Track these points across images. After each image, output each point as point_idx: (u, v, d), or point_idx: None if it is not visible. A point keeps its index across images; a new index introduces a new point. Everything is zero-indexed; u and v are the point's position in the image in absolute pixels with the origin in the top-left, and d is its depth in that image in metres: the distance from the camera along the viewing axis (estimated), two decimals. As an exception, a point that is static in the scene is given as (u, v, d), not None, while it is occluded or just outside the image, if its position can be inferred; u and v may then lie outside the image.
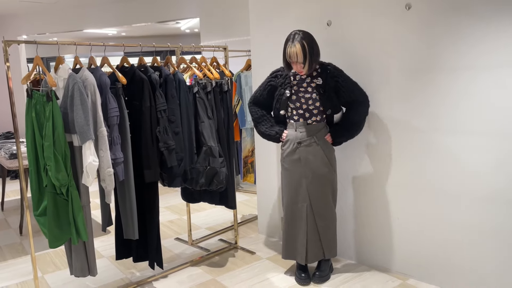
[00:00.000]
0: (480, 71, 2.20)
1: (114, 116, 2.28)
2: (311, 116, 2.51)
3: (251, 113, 2.74)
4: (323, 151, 2.52)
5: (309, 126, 2.51)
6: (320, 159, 2.51)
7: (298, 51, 2.38)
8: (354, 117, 2.54)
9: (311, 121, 2.52)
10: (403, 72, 2.49)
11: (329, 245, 2.60)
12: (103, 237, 3.54)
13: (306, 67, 2.42)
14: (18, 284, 2.80)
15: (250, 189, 4.79)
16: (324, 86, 2.48)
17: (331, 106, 2.50)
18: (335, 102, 2.51)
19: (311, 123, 2.52)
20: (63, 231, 2.22)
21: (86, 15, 5.92)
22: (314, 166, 2.51)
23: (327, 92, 2.47)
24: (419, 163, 2.50)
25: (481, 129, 2.24)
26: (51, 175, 2.11)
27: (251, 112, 2.74)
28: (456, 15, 2.24)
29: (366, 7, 2.60)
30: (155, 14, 5.45)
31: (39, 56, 2.23)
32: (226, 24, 4.88)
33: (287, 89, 2.55)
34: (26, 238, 3.63)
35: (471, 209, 2.32)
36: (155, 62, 2.65)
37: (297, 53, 2.38)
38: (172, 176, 2.54)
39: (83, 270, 2.34)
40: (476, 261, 2.34)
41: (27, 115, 2.22)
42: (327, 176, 2.54)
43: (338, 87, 2.48)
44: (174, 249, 3.27)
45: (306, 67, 2.42)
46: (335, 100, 2.51)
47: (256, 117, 2.72)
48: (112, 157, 2.26)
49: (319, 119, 2.52)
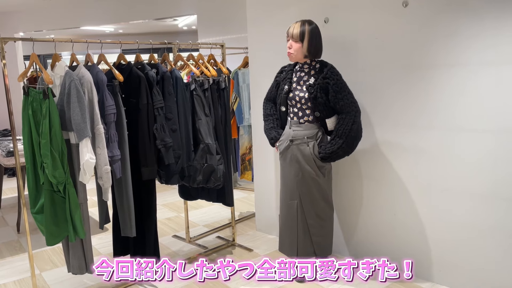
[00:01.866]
0: (477, 68, 2.21)
1: (111, 114, 2.28)
2: (304, 115, 2.50)
3: (263, 109, 2.79)
4: (313, 154, 2.48)
5: (301, 125, 2.51)
6: (308, 161, 2.48)
7: (297, 26, 2.41)
8: (339, 128, 2.39)
9: (303, 121, 2.50)
10: (400, 69, 2.49)
11: (321, 243, 2.60)
12: (100, 234, 3.55)
13: (297, 48, 2.41)
14: (16, 281, 2.80)
15: (247, 187, 4.80)
16: (313, 85, 2.43)
17: (318, 108, 2.43)
18: (323, 104, 2.41)
19: (303, 122, 2.50)
20: (60, 228, 2.22)
21: (83, 12, 5.90)
22: (303, 166, 2.49)
23: (315, 92, 2.41)
24: (417, 160, 2.50)
25: (479, 126, 2.24)
26: (48, 172, 2.11)
27: (263, 108, 2.79)
28: (453, 12, 2.25)
29: (363, 4, 2.60)
30: (153, 11, 5.44)
31: (35, 54, 2.22)
32: (223, 21, 4.87)
33: (286, 84, 2.55)
34: (23, 235, 3.62)
35: (470, 206, 2.33)
36: (152, 59, 2.65)
37: (295, 27, 2.41)
38: (170, 173, 2.54)
39: (81, 268, 2.34)
40: (474, 258, 2.35)
41: (24, 112, 2.22)
42: (315, 178, 2.50)
43: (327, 90, 2.40)
44: (172, 246, 3.28)
45: (297, 48, 2.42)
46: (324, 102, 2.41)
47: (263, 114, 2.77)
48: (109, 154, 2.25)
49: (311, 119, 2.49)
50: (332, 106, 2.43)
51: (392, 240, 2.68)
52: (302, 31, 2.39)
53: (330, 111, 2.45)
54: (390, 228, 2.68)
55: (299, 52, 2.43)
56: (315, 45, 2.44)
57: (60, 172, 2.11)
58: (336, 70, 2.44)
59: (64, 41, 2.34)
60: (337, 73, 2.43)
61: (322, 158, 2.45)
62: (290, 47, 2.44)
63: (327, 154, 2.43)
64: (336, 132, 2.41)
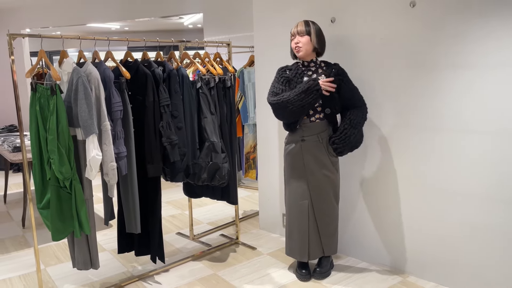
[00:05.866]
0: (484, 69, 2.20)
1: (118, 111, 2.29)
2: (315, 113, 2.51)
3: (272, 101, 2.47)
4: (327, 151, 2.52)
5: (312, 123, 2.51)
6: (323, 159, 2.51)
7: (301, 24, 2.47)
8: (353, 119, 2.46)
9: (314, 119, 2.51)
10: (407, 69, 2.49)
11: (329, 242, 2.61)
12: (105, 230, 3.56)
13: (305, 41, 2.44)
14: (21, 276, 2.82)
15: (251, 185, 4.81)
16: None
17: (330, 105, 2.47)
18: (335, 101, 2.48)
19: (314, 120, 2.52)
20: (66, 224, 2.23)
21: (89, 9, 5.92)
22: (316, 164, 2.51)
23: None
24: (422, 161, 2.50)
25: (485, 127, 2.24)
26: (55, 168, 2.12)
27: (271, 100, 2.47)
28: (461, 12, 2.24)
29: (371, 4, 2.59)
30: (159, 9, 5.45)
31: (43, 50, 2.23)
32: (229, 20, 4.88)
33: (304, 76, 2.51)
34: (28, 230, 3.65)
35: (474, 206, 2.33)
36: (158, 57, 2.66)
37: (299, 25, 2.46)
38: (175, 171, 2.55)
39: (86, 263, 2.36)
40: (478, 259, 2.34)
41: (31, 108, 2.23)
42: (329, 176, 2.54)
43: (340, 86, 2.47)
44: (176, 243, 3.29)
45: (306, 41, 2.44)
46: (335, 99, 2.47)
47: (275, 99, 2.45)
48: (116, 151, 2.26)
49: (322, 117, 2.52)
50: (344, 101, 2.50)
51: (397, 241, 2.68)
52: (308, 27, 2.46)
53: (338, 107, 2.51)
54: (395, 228, 2.68)
55: (308, 45, 2.46)
56: (322, 40, 2.50)
57: (66, 168, 2.12)
58: (343, 68, 2.53)
59: (72, 37, 2.35)
60: (345, 71, 2.53)
61: (336, 149, 2.49)
62: (298, 42, 2.46)
63: (341, 143, 2.46)
64: (350, 122, 2.47)
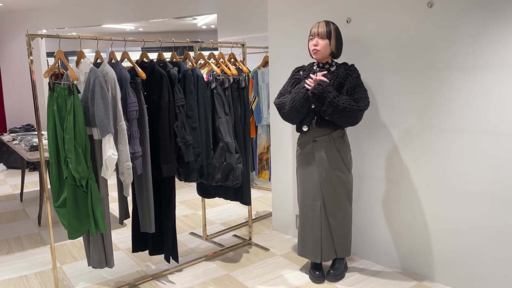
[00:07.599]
0: (506, 69, 2.16)
1: (134, 111, 2.30)
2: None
3: (276, 103, 2.60)
4: (339, 151, 2.50)
5: (322, 123, 2.49)
6: (335, 159, 2.50)
7: (323, 25, 2.44)
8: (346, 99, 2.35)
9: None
10: (424, 70, 2.46)
11: (342, 244, 2.59)
12: (120, 229, 3.60)
13: (324, 45, 2.42)
14: (37, 273, 2.86)
15: (264, 186, 4.80)
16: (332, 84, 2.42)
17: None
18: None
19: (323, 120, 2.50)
20: (82, 222, 2.25)
21: (104, 10, 5.99)
22: (328, 165, 2.49)
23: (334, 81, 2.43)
24: (440, 163, 2.46)
25: (505, 129, 2.20)
26: (72, 167, 2.15)
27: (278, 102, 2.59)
28: (480, 13, 2.20)
29: (387, 4, 2.57)
30: (173, 10, 5.48)
31: (61, 51, 2.26)
32: (243, 21, 4.88)
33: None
34: (44, 228, 3.70)
35: (492, 210, 2.29)
36: (174, 57, 2.67)
37: (320, 25, 2.44)
38: (189, 171, 2.56)
39: (101, 262, 2.38)
40: (498, 263, 2.30)
41: (49, 108, 2.26)
42: (341, 176, 2.52)
43: (346, 80, 2.43)
44: (189, 243, 3.30)
45: (325, 45, 2.42)
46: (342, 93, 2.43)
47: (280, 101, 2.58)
48: (131, 151, 2.28)
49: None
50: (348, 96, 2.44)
51: (412, 243, 2.65)
52: (329, 29, 2.43)
53: None
54: (409, 231, 2.65)
55: (326, 48, 2.44)
56: (340, 44, 2.49)
57: (83, 167, 2.14)
58: (357, 69, 2.50)
59: (89, 38, 2.38)
60: (358, 72, 2.49)
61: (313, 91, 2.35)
62: (317, 45, 2.44)
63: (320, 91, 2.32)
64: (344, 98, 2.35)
